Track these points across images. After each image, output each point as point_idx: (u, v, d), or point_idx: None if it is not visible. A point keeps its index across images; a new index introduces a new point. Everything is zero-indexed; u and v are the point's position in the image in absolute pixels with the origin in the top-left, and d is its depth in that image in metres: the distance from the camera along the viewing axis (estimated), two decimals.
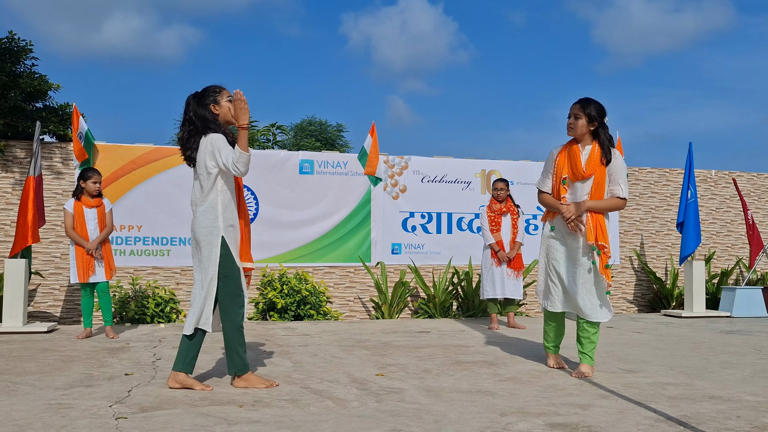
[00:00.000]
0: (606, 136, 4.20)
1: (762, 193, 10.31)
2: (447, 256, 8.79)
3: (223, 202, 3.78)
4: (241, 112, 3.67)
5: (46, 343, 5.82)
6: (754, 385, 3.92)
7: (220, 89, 3.88)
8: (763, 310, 8.75)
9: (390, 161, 8.77)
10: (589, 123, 4.17)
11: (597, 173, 4.15)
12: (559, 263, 4.31)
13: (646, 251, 9.78)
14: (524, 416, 3.15)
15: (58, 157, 7.84)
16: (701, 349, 5.51)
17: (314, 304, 8.02)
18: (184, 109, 3.88)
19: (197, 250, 3.78)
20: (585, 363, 4.26)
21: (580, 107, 4.18)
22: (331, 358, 4.92)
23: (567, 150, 4.26)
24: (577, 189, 4.21)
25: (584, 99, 4.23)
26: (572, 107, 4.23)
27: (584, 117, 4.16)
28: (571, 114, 4.22)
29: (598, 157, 4.15)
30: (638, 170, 9.83)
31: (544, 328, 4.59)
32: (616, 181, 4.17)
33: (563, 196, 4.24)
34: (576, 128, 4.19)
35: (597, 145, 4.17)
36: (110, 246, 6.36)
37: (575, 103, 4.23)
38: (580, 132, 4.19)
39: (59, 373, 4.27)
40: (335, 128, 21.78)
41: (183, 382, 3.74)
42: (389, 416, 3.15)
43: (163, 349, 5.41)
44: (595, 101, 4.21)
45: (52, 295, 7.69)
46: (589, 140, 4.21)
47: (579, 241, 4.20)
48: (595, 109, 4.17)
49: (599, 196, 4.16)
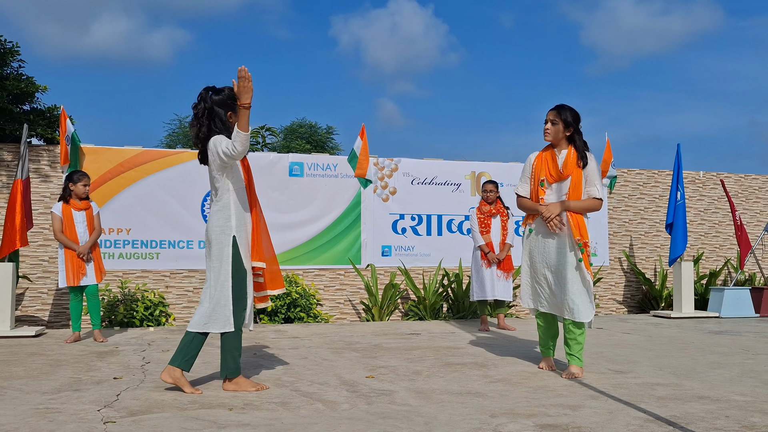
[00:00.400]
0: (581, 141, 4.35)
1: (749, 194, 10.39)
2: (437, 258, 8.80)
3: (235, 202, 3.79)
4: (244, 90, 3.59)
5: (33, 347, 5.77)
6: (743, 385, 3.94)
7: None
8: (751, 311, 8.81)
9: (380, 163, 8.77)
10: (565, 128, 4.32)
11: (574, 175, 4.28)
12: (543, 265, 4.37)
13: (635, 252, 9.82)
14: (514, 417, 3.15)
15: (46, 159, 7.79)
16: (690, 349, 5.54)
17: (304, 307, 8.00)
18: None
19: (209, 249, 3.80)
20: (574, 364, 4.27)
21: (556, 113, 4.33)
22: (321, 361, 4.91)
23: (544, 154, 4.42)
24: (555, 190, 4.35)
25: (560, 105, 4.37)
26: (548, 113, 4.37)
27: (560, 122, 4.31)
28: (548, 120, 4.36)
29: (574, 159, 4.29)
30: (627, 172, 9.88)
31: (538, 332, 4.63)
32: (592, 182, 4.30)
33: (542, 197, 4.38)
34: (552, 133, 4.34)
35: (573, 149, 4.32)
36: (99, 249, 6.34)
37: (551, 110, 4.37)
38: (556, 137, 4.34)
39: (47, 378, 4.24)
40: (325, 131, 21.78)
41: (177, 380, 3.71)
42: (379, 418, 3.14)
43: (153, 352, 5.37)
44: (570, 108, 4.36)
45: (39, 299, 7.64)
46: (564, 145, 4.36)
47: (560, 241, 4.29)
48: (570, 115, 4.32)
49: (577, 196, 4.29)
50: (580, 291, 4.22)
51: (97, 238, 6.25)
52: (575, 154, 4.29)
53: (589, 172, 4.30)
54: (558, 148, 4.37)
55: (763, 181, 10.49)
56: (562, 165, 4.30)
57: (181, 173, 8.01)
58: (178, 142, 22.39)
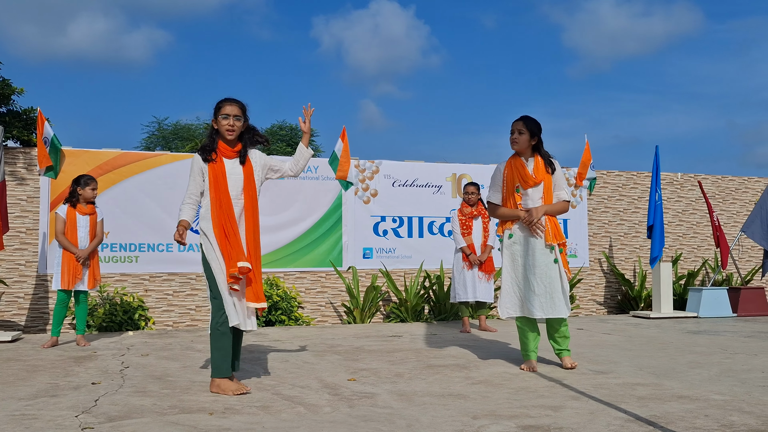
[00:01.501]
0: (544, 149, 4.63)
1: (726, 195, 10.52)
2: (418, 260, 8.80)
3: (206, 205, 3.94)
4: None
5: (9, 352, 5.68)
6: (721, 385, 3.98)
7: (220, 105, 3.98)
8: (728, 310, 8.92)
9: (361, 165, 8.76)
10: (530, 138, 4.55)
11: (545, 180, 4.55)
12: (528, 268, 4.49)
13: (615, 253, 9.90)
14: (496, 419, 3.15)
15: (22, 162, 7.68)
16: (669, 349, 5.59)
17: (285, 310, 7.97)
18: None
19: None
20: (568, 356, 4.58)
21: (523, 124, 4.55)
22: (302, 364, 4.89)
23: (513, 162, 4.62)
24: (530, 195, 4.55)
25: (525, 116, 4.60)
26: (515, 124, 4.58)
27: (527, 132, 4.54)
28: (515, 130, 4.57)
29: (542, 166, 4.57)
30: (606, 173, 9.96)
31: (520, 337, 4.65)
32: (561, 186, 4.62)
33: (519, 203, 4.57)
34: (520, 142, 4.56)
35: (539, 157, 4.59)
36: (98, 255, 6.29)
37: (518, 120, 4.59)
38: (523, 146, 4.57)
39: (23, 383, 4.17)
40: None
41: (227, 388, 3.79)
42: (361, 421, 3.13)
43: (132, 357, 5.31)
44: (534, 119, 4.61)
45: (16, 303, 7.52)
46: (529, 153, 4.61)
47: (541, 242, 4.47)
48: (535, 125, 4.57)
49: (549, 200, 4.56)
50: (564, 289, 4.47)
51: (98, 245, 6.21)
52: (543, 161, 4.57)
53: (557, 177, 4.61)
54: (524, 157, 4.60)
55: (740, 183, 10.63)
56: (533, 171, 4.54)
57: (160, 176, 7.94)
58: (157, 145, 22.21)
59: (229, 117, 3.91)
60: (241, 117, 3.94)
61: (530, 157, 4.60)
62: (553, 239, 4.46)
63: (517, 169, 4.56)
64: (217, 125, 3.96)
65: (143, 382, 4.17)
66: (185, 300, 7.96)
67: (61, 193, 7.44)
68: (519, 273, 4.53)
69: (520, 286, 4.52)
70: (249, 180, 3.99)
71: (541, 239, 4.46)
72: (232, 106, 3.93)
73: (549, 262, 4.45)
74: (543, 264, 4.44)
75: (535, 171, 4.54)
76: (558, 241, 4.48)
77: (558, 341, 4.58)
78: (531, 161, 4.58)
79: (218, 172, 3.94)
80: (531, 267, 4.47)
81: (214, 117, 3.96)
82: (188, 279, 8.00)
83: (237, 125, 3.93)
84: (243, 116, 3.96)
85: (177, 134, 21.14)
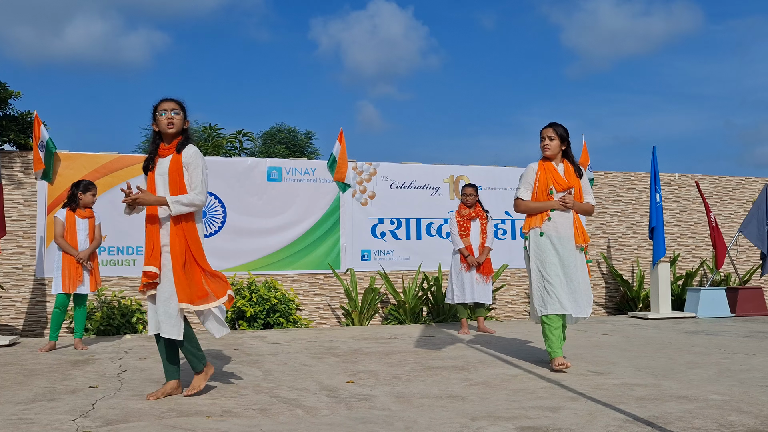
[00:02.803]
0: (572, 154, 4.80)
1: (724, 195, 10.53)
2: (416, 261, 8.79)
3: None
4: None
5: (7, 356, 5.67)
6: (719, 385, 3.98)
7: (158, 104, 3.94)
8: (726, 311, 8.92)
9: (358, 167, 8.76)
10: (561, 143, 4.71)
11: (576, 184, 4.72)
12: (557, 266, 4.57)
13: (613, 254, 9.90)
14: (495, 420, 3.15)
15: (19, 166, 7.67)
16: (668, 349, 5.59)
17: (284, 312, 7.96)
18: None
19: None
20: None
21: (553, 130, 4.69)
22: (300, 366, 4.88)
23: (545, 165, 4.73)
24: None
25: (554, 123, 4.72)
26: (545, 131, 4.71)
27: (557, 138, 4.69)
28: (545, 137, 4.70)
29: (572, 171, 4.74)
30: (604, 174, 9.97)
31: (548, 335, 4.58)
32: (587, 191, 4.79)
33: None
34: (552, 148, 4.69)
35: (568, 163, 4.75)
36: (98, 258, 6.29)
37: (547, 127, 4.71)
38: (555, 152, 4.70)
39: (20, 388, 4.16)
40: (304, 135, 21.70)
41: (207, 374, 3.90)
42: (360, 423, 3.13)
43: (129, 360, 5.30)
44: (561, 125, 4.73)
45: (14, 307, 7.51)
46: (559, 159, 4.75)
47: (570, 242, 4.59)
48: (564, 131, 4.72)
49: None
50: (589, 289, 4.67)
51: (97, 247, 6.22)
52: (572, 167, 4.74)
53: (583, 182, 4.78)
54: (555, 162, 4.73)
55: (737, 183, 10.64)
56: (565, 175, 4.70)
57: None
58: None
59: (166, 111, 3.88)
60: (179, 111, 3.91)
61: (560, 162, 4.75)
62: (582, 240, 4.62)
63: (550, 172, 4.69)
64: (157, 127, 3.93)
65: (141, 386, 4.17)
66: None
67: (59, 197, 7.43)
68: (549, 271, 4.54)
69: (554, 282, 4.51)
70: (175, 171, 3.87)
71: (569, 239, 4.58)
72: (168, 102, 3.92)
73: (579, 262, 4.61)
74: (574, 263, 4.57)
75: (567, 175, 4.70)
76: (585, 243, 4.66)
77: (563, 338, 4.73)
78: (561, 166, 4.74)
79: (150, 181, 3.99)
80: (560, 266, 4.56)
81: (153, 120, 3.93)
82: None
83: (177, 118, 3.89)
84: (182, 111, 3.93)
85: None
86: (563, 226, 4.60)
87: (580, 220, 4.70)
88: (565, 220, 4.62)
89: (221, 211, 8.16)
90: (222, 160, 8.51)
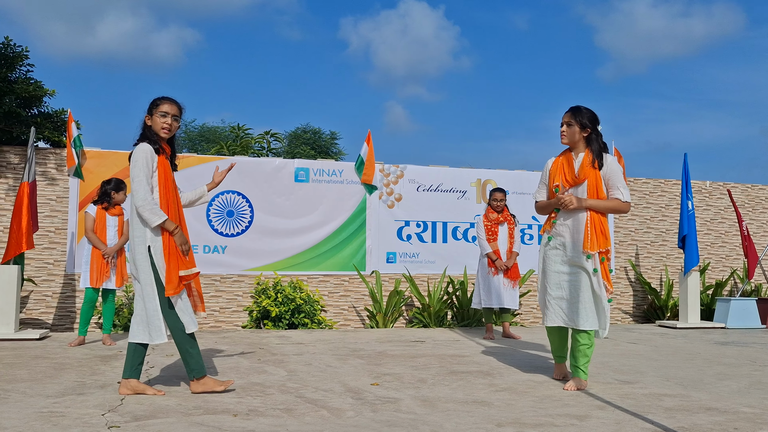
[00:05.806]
0: (599, 142, 4.20)
1: (756, 204, 10.35)
2: (442, 265, 8.77)
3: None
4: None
5: (37, 350, 5.76)
6: (750, 397, 3.91)
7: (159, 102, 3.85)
8: (757, 321, 8.76)
9: (385, 170, 8.77)
10: (581, 130, 4.18)
11: (590, 178, 4.13)
12: (559, 274, 4.20)
13: (641, 262, 9.78)
14: (521, 427, 3.13)
15: (53, 163, 7.80)
16: (697, 360, 5.50)
17: (308, 313, 7.99)
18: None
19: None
20: (577, 377, 4.13)
21: (571, 115, 4.20)
22: (325, 367, 4.89)
23: (560, 159, 4.31)
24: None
25: (575, 107, 4.23)
26: (564, 116, 4.24)
27: (576, 124, 4.17)
28: (563, 122, 4.24)
29: (589, 161, 4.15)
30: (633, 180, 9.85)
31: (550, 342, 4.52)
32: (614, 185, 4.13)
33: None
34: (568, 135, 4.21)
35: (589, 151, 4.19)
36: (125, 255, 6.38)
37: (567, 112, 4.24)
38: (572, 139, 4.21)
39: (51, 381, 4.23)
40: (329, 136, 21.79)
41: (135, 388, 3.80)
42: (385, 426, 3.12)
43: (156, 357, 5.36)
44: (586, 108, 4.22)
45: (44, 302, 7.63)
46: (582, 147, 4.22)
47: (575, 249, 4.12)
48: (586, 116, 4.18)
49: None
50: (590, 300, 4.10)
51: (124, 243, 6.32)
52: (591, 156, 4.15)
53: (608, 174, 4.13)
54: (575, 151, 4.23)
55: None
56: (578, 169, 4.17)
57: (187, 177, 8.00)
58: (184, 147, 22.42)
59: (167, 115, 3.80)
60: (178, 118, 3.85)
61: (581, 152, 4.20)
62: (591, 247, 4.04)
63: (562, 166, 4.24)
64: (151, 122, 3.83)
65: (168, 383, 4.21)
66: (209, 301, 8.01)
67: (90, 194, 7.54)
68: (550, 278, 4.23)
69: (549, 291, 4.24)
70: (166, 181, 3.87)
71: (575, 245, 4.10)
72: (172, 106, 3.83)
73: (579, 270, 4.10)
74: (576, 273, 4.11)
75: (581, 168, 4.15)
76: (598, 249, 4.05)
77: (576, 356, 4.15)
78: (580, 156, 4.19)
79: (167, 168, 3.85)
80: (563, 273, 4.17)
81: (149, 113, 3.83)
82: (213, 280, 8.06)
83: (174, 126, 3.84)
84: (179, 119, 3.87)
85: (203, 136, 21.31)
86: (572, 229, 4.14)
87: (600, 221, 4.08)
88: (575, 221, 4.12)
89: (248, 210, 8.22)
90: (250, 160, 8.57)
